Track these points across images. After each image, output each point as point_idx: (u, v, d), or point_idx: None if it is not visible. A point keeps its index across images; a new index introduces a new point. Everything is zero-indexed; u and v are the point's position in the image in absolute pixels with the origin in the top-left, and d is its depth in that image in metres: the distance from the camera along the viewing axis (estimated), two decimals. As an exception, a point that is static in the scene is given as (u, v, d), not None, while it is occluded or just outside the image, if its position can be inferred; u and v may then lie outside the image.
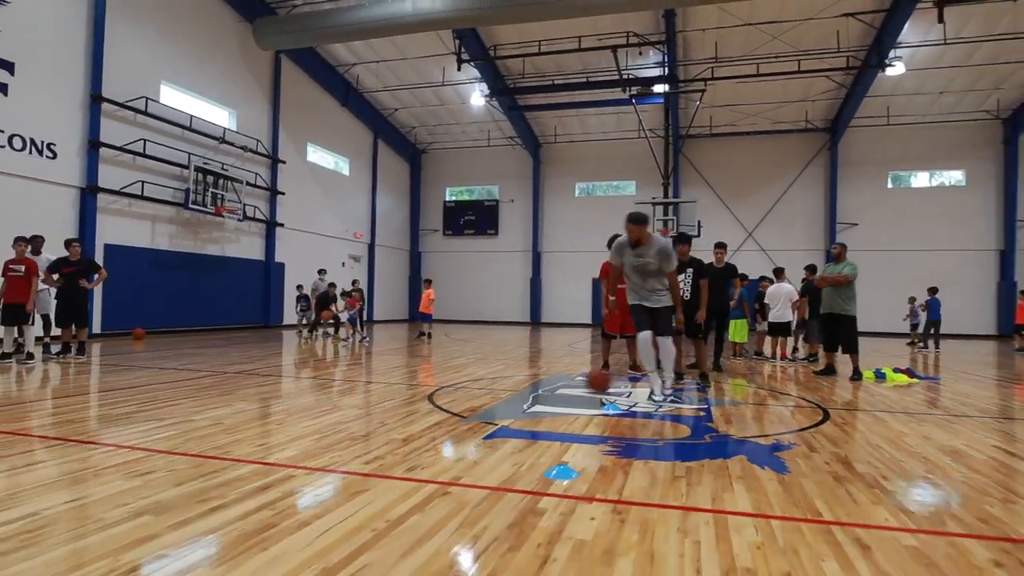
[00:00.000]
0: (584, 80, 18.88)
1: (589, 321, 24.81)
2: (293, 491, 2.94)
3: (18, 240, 8.35)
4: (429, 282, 15.41)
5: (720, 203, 23.55)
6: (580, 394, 6.19)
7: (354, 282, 15.94)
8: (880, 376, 7.96)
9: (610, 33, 16.19)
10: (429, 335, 14.49)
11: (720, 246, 9.39)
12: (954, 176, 22.37)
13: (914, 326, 16.19)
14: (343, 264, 21.85)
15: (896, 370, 8.19)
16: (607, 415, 5.06)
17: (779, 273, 10.96)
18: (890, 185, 22.80)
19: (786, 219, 23.27)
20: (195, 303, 15.32)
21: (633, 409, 5.31)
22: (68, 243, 9.27)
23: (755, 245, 23.25)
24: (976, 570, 2.17)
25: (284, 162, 18.48)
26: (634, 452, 3.82)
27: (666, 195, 20.06)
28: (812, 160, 23.03)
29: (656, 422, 4.84)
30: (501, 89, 19.86)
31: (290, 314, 17.91)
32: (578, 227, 25.09)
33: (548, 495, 2.92)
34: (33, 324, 8.53)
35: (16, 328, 8.50)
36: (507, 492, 2.95)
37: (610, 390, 6.21)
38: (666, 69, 17.97)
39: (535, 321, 25.53)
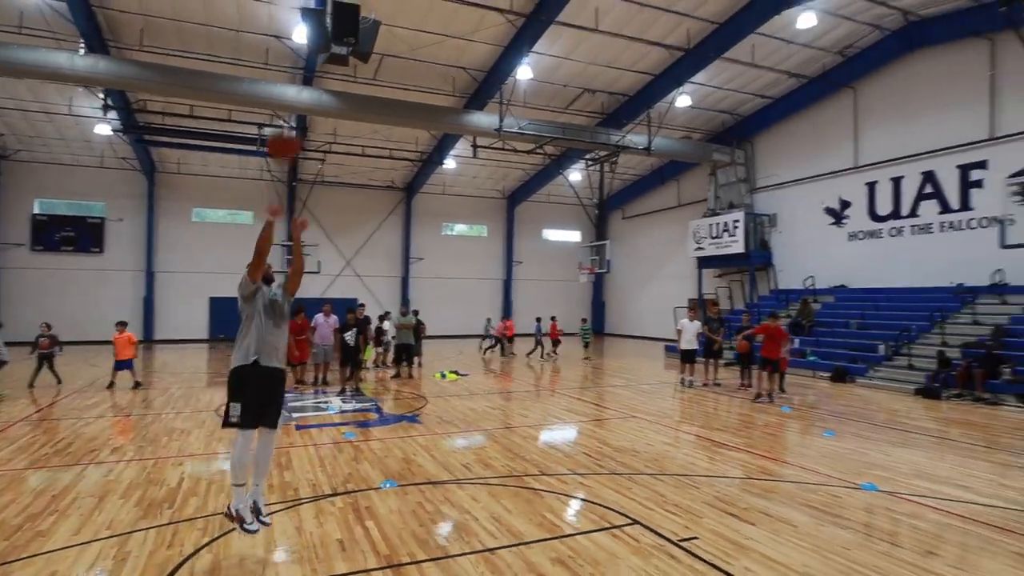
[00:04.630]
0: (223, 133, 21.90)
1: (205, 337, 27.31)
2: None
3: None
4: (124, 324, 13.43)
5: (327, 238, 29.24)
6: (304, 404, 11.10)
7: (48, 326, 13.75)
8: (443, 376, 15.08)
9: (256, 111, 20.07)
10: (137, 384, 13.03)
11: (361, 305, 15.17)
12: (483, 229, 33.34)
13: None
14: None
15: (452, 371, 15.53)
16: (333, 413, 10.29)
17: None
18: (444, 232, 32.44)
19: (376, 252, 30.54)
20: None
21: (342, 409, 10.65)
22: None
23: (352, 272, 29.81)
24: (491, 416, 8.60)
25: None
26: (367, 424, 9.32)
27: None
28: (394, 210, 30.90)
29: (362, 414, 10.31)
30: (134, 126, 21.10)
31: None
32: (195, 249, 27.27)
33: (361, 442, 8.24)
34: None
35: None
36: (343, 444, 8.13)
37: (315, 397, 11.29)
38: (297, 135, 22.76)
39: (148, 338, 26.40)
